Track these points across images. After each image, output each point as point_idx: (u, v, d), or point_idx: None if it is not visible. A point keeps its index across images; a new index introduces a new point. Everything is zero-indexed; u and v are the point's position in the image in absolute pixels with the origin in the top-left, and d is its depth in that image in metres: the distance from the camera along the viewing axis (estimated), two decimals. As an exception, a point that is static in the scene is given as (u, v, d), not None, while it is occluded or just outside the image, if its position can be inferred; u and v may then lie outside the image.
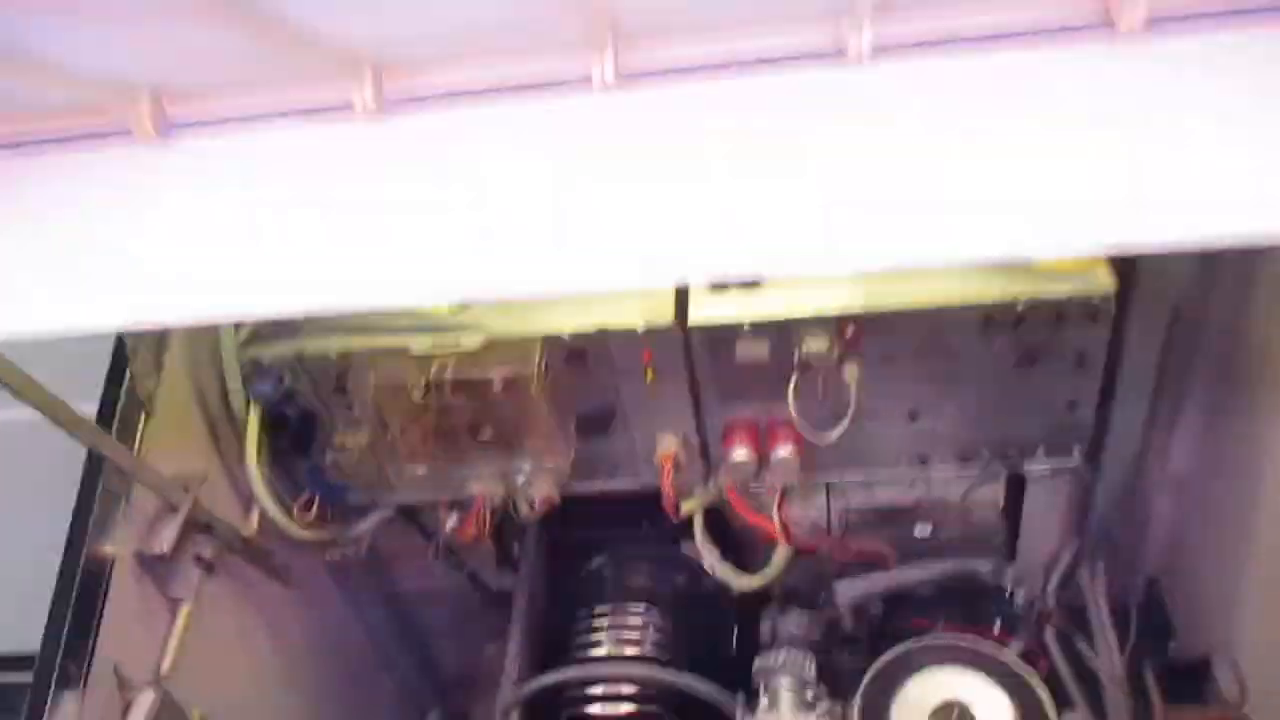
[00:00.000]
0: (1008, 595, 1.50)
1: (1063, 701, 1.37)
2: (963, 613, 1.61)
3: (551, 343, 1.27)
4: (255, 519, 1.40)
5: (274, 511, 1.37)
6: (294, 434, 1.40)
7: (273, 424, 1.39)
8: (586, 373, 1.31)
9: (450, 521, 1.46)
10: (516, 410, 1.30)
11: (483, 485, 1.40)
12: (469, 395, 1.29)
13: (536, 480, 1.40)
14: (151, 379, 1.23)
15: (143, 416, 1.21)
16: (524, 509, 1.44)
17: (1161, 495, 1.57)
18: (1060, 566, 1.62)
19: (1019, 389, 1.27)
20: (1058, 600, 1.54)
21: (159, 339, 1.25)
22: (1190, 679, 1.43)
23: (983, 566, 1.41)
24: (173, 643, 1.20)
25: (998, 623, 1.57)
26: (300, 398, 1.37)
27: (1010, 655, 1.38)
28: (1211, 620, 1.47)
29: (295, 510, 1.43)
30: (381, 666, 1.83)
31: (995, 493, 1.54)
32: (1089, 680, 1.52)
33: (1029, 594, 1.43)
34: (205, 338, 1.33)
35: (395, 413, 1.32)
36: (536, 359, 1.26)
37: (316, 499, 1.46)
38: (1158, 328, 1.27)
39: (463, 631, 1.86)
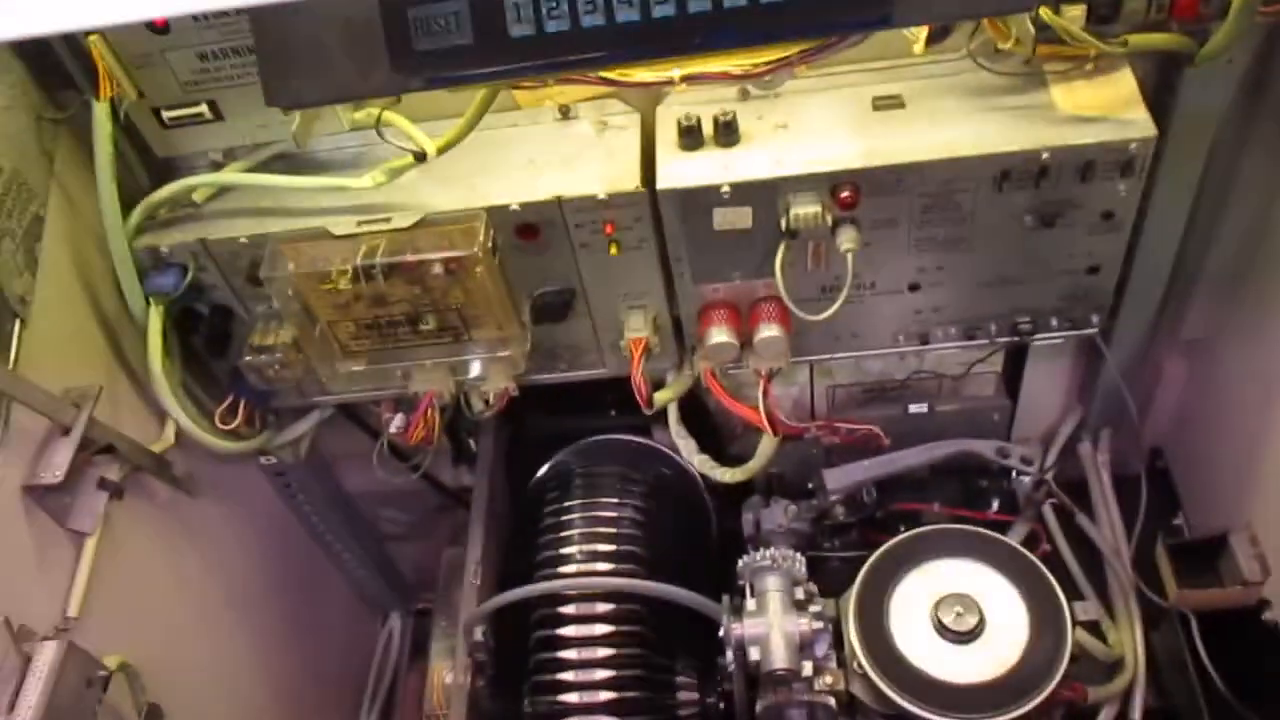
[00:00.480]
0: (1013, 475, 1.39)
1: (1067, 588, 1.26)
2: (959, 493, 1.50)
3: (498, 216, 1.09)
4: (172, 432, 1.23)
5: (186, 422, 1.20)
6: (208, 333, 1.22)
7: (184, 323, 1.21)
8: (540, 250, 1.13)
9: (395, 423, 1.30)
10: (461, 296, 1.13)
11: (428, 381, 1.24)
12: (405, 281, 1.11)
13: (489, 373, 1.23)
14: (23, 279, 1.03)
15: (16, 324, 1.02)
16: (477, 405, 1.29)
17: (1172, 361, 1.44)
18: (1061, 438, 1.51)
19: (1035, 253, 1.12)
20: (1056, 475, 1.44)
21: (28, 230, 1.05)
22: (1205, 557, 1.33)
23: (986, 448, 1.28)
24: (79, 583, 1.04)
25: (995, 503, 1.47)
26: (210, 292, 1.19)
27: (1015, 542, 1.27)
28: (1226, 493, 1.37)
29: (217, 417, 1.26)
30: (335, 572, 1.71)
31: (994, 363, 1.41)
32: (1093, 563, 1.43)
33: (1032, 473, 1.31)
34: (88, 228, 1.13)
35: (320, 304, 1.14)
36: (481, 236, 1.08)
37: (242, 403, 1.29)
38: (1190, 180, 1.11)
39: (420, 531, 1.73)
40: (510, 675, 1.28)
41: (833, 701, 1.20)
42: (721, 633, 1.18)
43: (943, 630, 1.17)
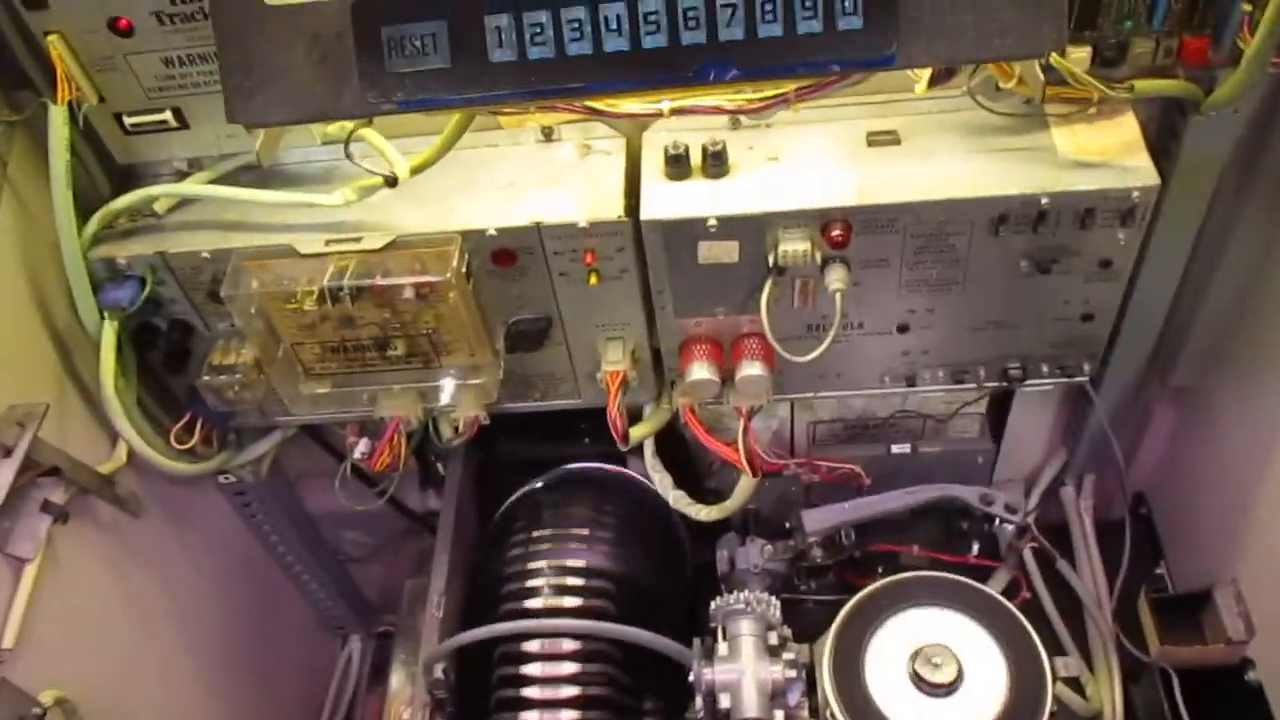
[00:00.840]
0: (996, 522, 1.35)
1: (1046, 637, 1.23)
2: (939, 535, 1.46)
3: (474, 240, 1.05)
4: (124, 452, 1.17)
5: (139, 443, 1.14)
6: (166, 349, 1.16)
7: (140, 338, 1.15)
8: (517, 276, 1.09)
9: (359, 448, 1.25)
10: (433, 321, 1.08)
11: (395, 407, 1.19)
12: (374, 303, 1.06)
13: (459, 400, 1.19)
14: (-34, 289, 0.97)
15: (-44, 338, 0.96)
16: (446, 433, 1.24)
17: (1161, 408, 1.41)
18: (1044, 481, 1.48)
19: (1029, 298, 1.08)
20: (1037, 517, 1.40)
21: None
22: (1188, 611, 1.30)
23: (970, 495, 1.25)
24: (15, 612, 0.99)
25: (975, 546, 1.43)
26: (169, 306, 1.13)
27: (996, 590, 1.24)
28: (1211, 545, 1.34)
29: (173, 436, 1.21)
30: (294, 593, 1.65)
31: (979, 405, 1.38)
32: (1074, 611, 1.40)
33: (1016, 521, 1.27)
34: (42, 236, 1.07)
35: (284, 325, 1.08)
36: (455, 261, 1.03)
37: (200, 422, 1.24)
38: (1189, 229, 1.08)
39: (385, 555, 1.68)
40: (472, 711, 1.23)
41: (805, 753, 1.17)
42: (691, 678, 1.14)
43: (919, 682, 1.13)
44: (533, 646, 1.15)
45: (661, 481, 1.30)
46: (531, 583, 1.21)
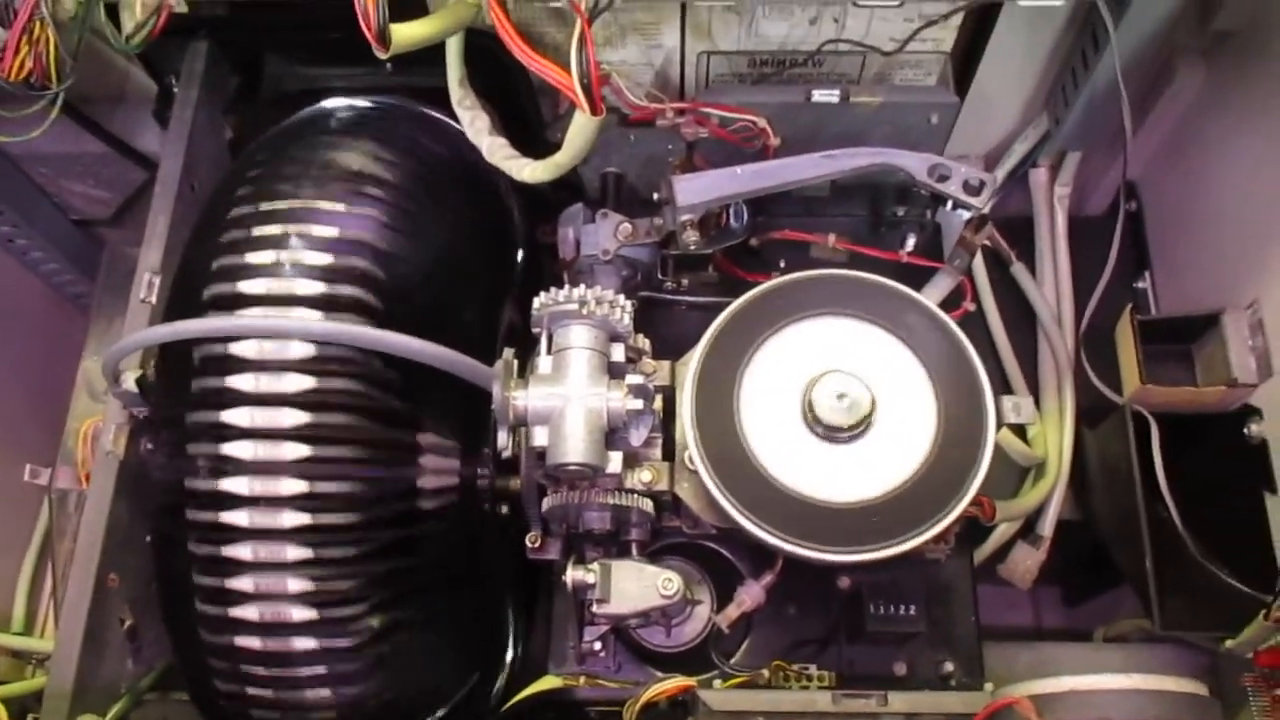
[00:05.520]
0: (945, 209, 0.98)
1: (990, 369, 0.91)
2: (864, 223, 1.10)
3: None
4: None
5: None
6: None
7: None
8: None
9: (-13, 40, 0.80)
10: None
11: (27, -30, 0.73)
12: None
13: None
14: None
15: None
16: (127, 25, 0.79)
17: (1188, 63, 1.01)
18: (1013, 159, 1.11)
19: None
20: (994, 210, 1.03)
21: None
22: (1179, 339, 0.98)
23: (917, 165, 0.86)
24: None
25: (911, 240, 1.07)
26: None
27: (934, 300, 0.89)
28: (1223, 257, 0.99)
29: None
30: (15, 264, 1.23)
31: (945, 35, 0.96)
32: (1028, 332, 1.07)
33: (976, 205, 0.89)
34: None
35: None
36: None
37: None
38: None
39: (137, 217, 1.25)
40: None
41: (650, 506, 0.85)
42: (495, 405, 0.79)
43: (814, 422, 0.81)
44: (245, 349, 0.76)
45: (472, 122, 0.88)
46: (253, 257, 0.79)
